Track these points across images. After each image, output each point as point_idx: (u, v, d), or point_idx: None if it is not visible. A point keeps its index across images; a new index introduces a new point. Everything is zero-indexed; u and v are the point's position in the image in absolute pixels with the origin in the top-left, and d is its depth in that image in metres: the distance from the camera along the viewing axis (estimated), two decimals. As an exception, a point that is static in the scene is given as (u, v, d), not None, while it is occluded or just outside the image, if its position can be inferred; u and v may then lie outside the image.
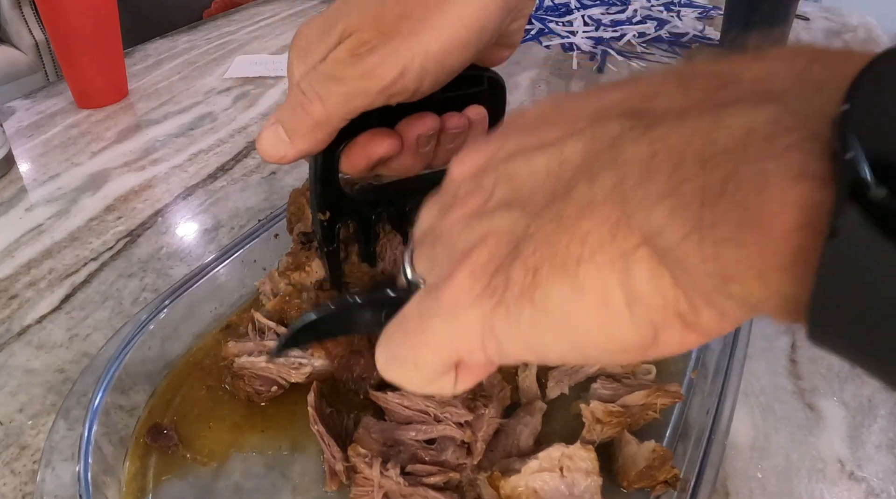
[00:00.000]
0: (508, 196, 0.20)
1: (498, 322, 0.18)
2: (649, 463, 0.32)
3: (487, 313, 0.18)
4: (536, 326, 0.18)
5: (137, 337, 0.38)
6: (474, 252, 0.19)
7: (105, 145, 0.69)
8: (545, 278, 0.17)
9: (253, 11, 1.14)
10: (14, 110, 0.78)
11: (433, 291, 0.20)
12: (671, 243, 0.15)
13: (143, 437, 0.36)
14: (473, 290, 0.19)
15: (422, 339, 0.20)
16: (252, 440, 0.37)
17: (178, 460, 0.36)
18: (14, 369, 0.42)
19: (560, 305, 0.17)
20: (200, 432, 0.37)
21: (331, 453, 0.34)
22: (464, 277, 0.19)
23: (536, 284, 0.17)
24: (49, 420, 0.39)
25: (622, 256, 0.16)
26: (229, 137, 0.71)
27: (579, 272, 0.17)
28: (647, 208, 0.16)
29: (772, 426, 0.38)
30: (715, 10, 1.04)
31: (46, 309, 0.47)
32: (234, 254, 0.43)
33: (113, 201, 0.59)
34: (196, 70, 0.89)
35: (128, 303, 0.47)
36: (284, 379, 0.37)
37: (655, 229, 0.15)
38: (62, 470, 0.32)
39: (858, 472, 0.35)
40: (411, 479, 0.32)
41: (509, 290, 0.18)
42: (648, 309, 0.16)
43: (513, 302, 0.18)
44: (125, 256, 0.52)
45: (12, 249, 0.53)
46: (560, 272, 0.17)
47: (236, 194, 0.60)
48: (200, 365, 0.40)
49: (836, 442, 0.37)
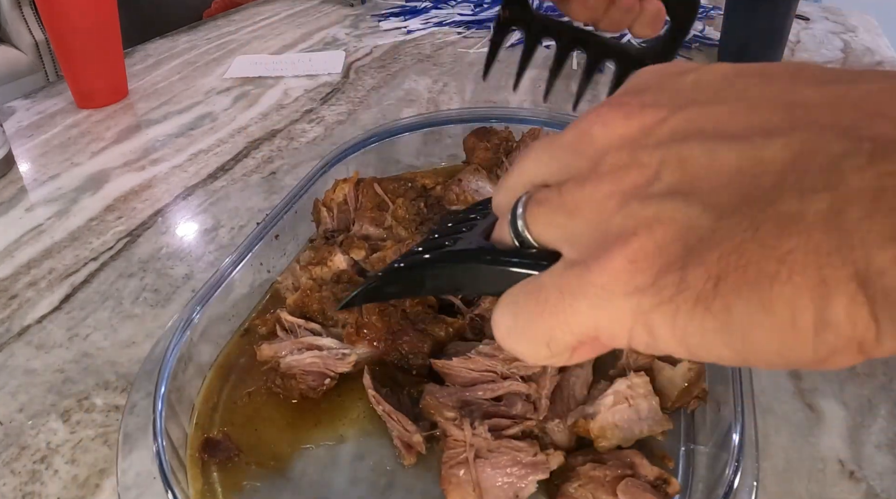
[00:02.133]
0: (682, 184, 0.18)
1: (659, 320, 0.18)
2: (689, 381, 0.35)
3: (646, 309, 0.18)
4: (705, 332, 0.17)
5: (174, 353, 0.36)
6: (636, 239, 0.18)
7: (105, 145, 0.69)
8: (730, 290, 0.16)
9: (253, 11, 1.14)
10: (14, 110, 0.78)
11: (579, 268, 0.19)
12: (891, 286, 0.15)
13: (199, 453, 0.35)
14: (633, 280, 0.18)
15: (562, 318, 0.19)
16: (309, 435, 0.36)
17: (241, 469, 0.34)
18: (14, 369, 0.42)
19: (741, 319, 0.16)
20: (253, 437, 0.36)
21: (403, 428, 0.34)
22: (622, 263, 0.18)
23: (718, 294, 0.16)
24: (49, 420, 0.39)
25: (823, 283, 0.15)
26: (229, 137, 0.71)
27: (773, 292, 0.16)
28: (869, 246, 0.15)
29: (772, 426, 0.38)
30: (715, 10, 1.04)
31: (46, 309, 0.47)
32: (246, 257, 0.42)
33: (113, 201, 0.59)
34: (196, 70, 0.89)
35: (128, 303, 0.47)
36: (333, 370, 0.37)
37: (876, 270, 0.15)
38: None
39: (858, 472, 0.35)
40: (495, 433, 0.33)
41: (683, 294, 0.17)
42: (836, 337, 0.16)
43: (684, 306, 0.17)
44: (125, 256, 0.52)
45: (12, 249, 0.53)
46: (751, 288, 0.16)
47: (236, 194, 0.60)
48: (232, 372, 0.40)
49: (836, 442, 0.37)
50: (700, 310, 0.17)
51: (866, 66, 0.85)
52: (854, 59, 0.87)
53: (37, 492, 0.35)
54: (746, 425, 0.31)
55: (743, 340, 0.17)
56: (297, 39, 1.00)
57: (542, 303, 0.20)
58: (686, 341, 0.17)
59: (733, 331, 0.17)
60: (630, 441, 0.33)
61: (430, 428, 0.34)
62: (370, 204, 0.46)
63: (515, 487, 0.32)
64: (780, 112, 0.18)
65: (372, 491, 0.33)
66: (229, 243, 0.53)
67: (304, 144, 0.68)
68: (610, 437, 0.33)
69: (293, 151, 0.67)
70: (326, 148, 0.67)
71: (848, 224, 0.15)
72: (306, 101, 0.78)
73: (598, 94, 0.73)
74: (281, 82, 0.84)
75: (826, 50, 0.91)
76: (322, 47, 0.96)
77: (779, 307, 0.16)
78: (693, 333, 0.17)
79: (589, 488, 0.31)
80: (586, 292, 0.19)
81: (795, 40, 0.93)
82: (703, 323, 0.17)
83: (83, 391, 0.40)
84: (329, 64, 0.89)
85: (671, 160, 0.19)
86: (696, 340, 0.17)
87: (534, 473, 0.32)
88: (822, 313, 0.15)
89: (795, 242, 0.16)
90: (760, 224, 0.16)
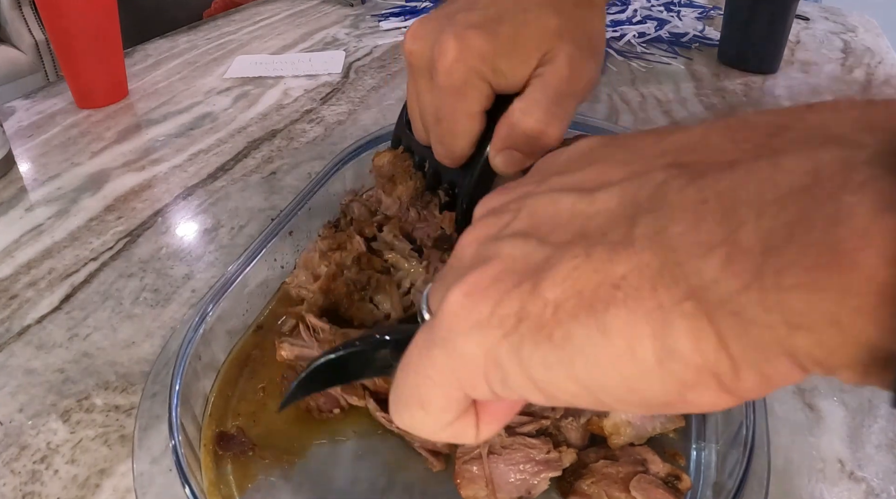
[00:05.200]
0: (525, 227, 0.19)
1: (506, 354, 0.17)
2: None
3: (492, 343, 0.17)
4: (549, 365, 0.17)
5: (190, 347, 0.36)
6: (471, 274, 0.18)
7: (105, 145, 0.69)
8: (569, 316, 0.16)
9: (253, 11, 1.14)
10: (14, 110, 0.78)
11: (432, 319, 0.19)
12: (726, 296, 0.14)
13: (213, 445, 0.35)
14: (471, 314, 0.18)
15: (423, 373, 0.19)
16: (324, 428, 0.36)
17: (255, 463, 0.34)
18: (14, 369, 0.42)
19: (581, 347, 0.16)
20: (267, 431, 0.36)
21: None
22: (458, 297, 0.18)
23: (558, 321, 0.16)
24: (49, 420, 0.39)
25: (660, 307, 0.15)
26: (229, 137, 0.71)
27: (608, 316, 0.15)
28: (696, 258, 0.15)
29: (772, 426, 0.38)
30: (715, 10, 1.04)
31: (46, 309, 0.47)
32: (260, 253, 0.42)
33: (113, 201, 0.59)
34: (196, 70, 0.89)
35: (128, 303, 0.47)
36: (346, 400, 0.37)
37: (707, 281, 0.14)
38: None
39: (858, 472, 0.35)
40: (509, 430, 0.33)
41: (524, 322, 0.17)
42: (683, 367, 0.15)
43: (527, 335, 0.17)
44: (125, 256, 0.52)
45: (12, 249, 0.53)
46: (587, 312, 0.16)
47: (236, 194, 0.60)
48: (246, 367, 0.40)
49: (836, 442, 0.37)
50: (543, 339, 0.16)
51: (866, 66, 0.85)
52: (854, 59, 0.87)
53: (37, 492, 0.35)
54: (757, 422, 0.31)
55: (586, 371, 0.16)
56: (297, 39, 1.00)
57: (406, 364, 0.20)
58: (533, 376, 0.17)
59: (575, 361, 0.16)
60: (643, 439, 0.33)
61: None
62: (388, 171, 0.46)
63: (528, 483, 0.32)
64: (623, 167, 0.18)
65: (372, 490, 0.33)
66: (229, 243, 0.53)
67: (304, 144, 0.68)
68: (623, 434, 0.33)
69: (293, 151, 0.67)
70: (326, 148, 0.67)
71: (672, 240, 0.15)
72: (306, 101, 0.78)
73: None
74: (281, 82, 0.84)
75: (826, 50, 0.91)
76: (322, 47, 0.96)
77: (615, 333, 0.15)
78: (537, 365, 0.17)
79: (602, 484, 0.31)
80: (436, 340, 0.18)
81: (795, 40, 0.93)
82: (547, 354, 0.16)
83: (83, 391, 0.40)
84: (329, 64, 0.89)
85: (523, 211, 0.20)
86: (542, 375, 0.17)
87: (546, 470, 0.32)
88: (662, 340, 0.15)
89: (627, 266, 0.16)
90: (592, 251, 0.16)
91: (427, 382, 0.19)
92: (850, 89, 0.79)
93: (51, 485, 0.35)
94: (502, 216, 0.20)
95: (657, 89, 0.79)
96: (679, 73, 0.84)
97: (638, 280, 0.15)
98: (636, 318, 0.15)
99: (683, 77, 0.82)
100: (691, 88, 0.79)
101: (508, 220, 0.20)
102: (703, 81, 0.81)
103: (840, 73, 0.83)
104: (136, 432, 0.33)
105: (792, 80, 0.81)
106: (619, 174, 0.18)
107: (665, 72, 0.84)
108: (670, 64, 0.86)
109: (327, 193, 0.50)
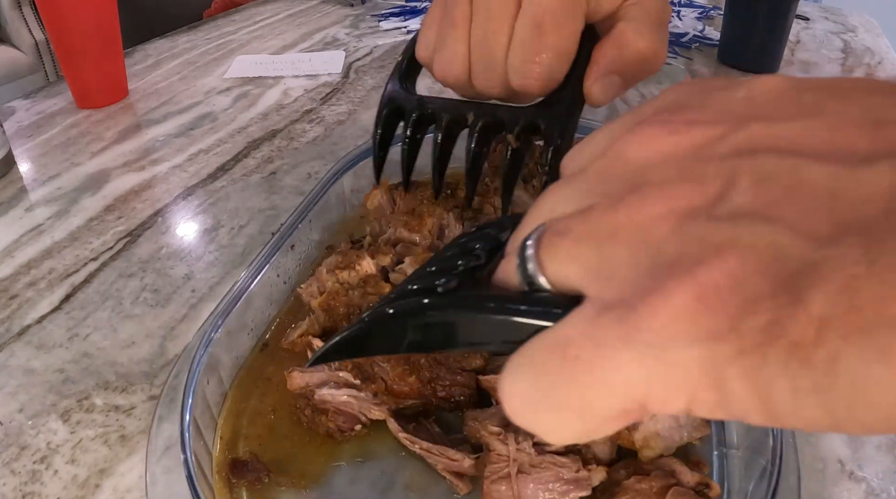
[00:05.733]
0: (762, 207, 0.15)
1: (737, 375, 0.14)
2: None
3: (721, 360, 0.14)
4: (797, 390, 0.13)
5: (198, 368, 0.35)
6: (703, 269, 0.14)
7: (105, 145, 0.69)
8: (839, 337, 0.13)
9: (253, 11, 1.14)
10: (14, 110, 0.78)
11: (620, 310, 0.15)
12: None
13: (226, 473, 0.34)
14: (702, 323, 0.14)
15: (600, 378, 0.15)
16: (340, 450, 0.35)
17: (272, 491, 0.33)
18: (14, 369, 0.42)
19: (849, 374, 0.13)
20: (282, 457, 0.35)
21: (449, 459, 0.33)
22: (685, 300, 0.14)
23: (822, 341, 0.13)
24: (49, 420, 0.39)
25: None
26: (229, 137, 0.71)
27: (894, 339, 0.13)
28: None
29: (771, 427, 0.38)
30: (715, 10, 1.04)
31: (46, 309, 0.47)
32: (264, 268, 0.41)
33: (113, 201, 0.59)
34: (196, 70, 0.89)
35: (128, 303, 0.47)
36: (366, 416, 0.36)
37: None
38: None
39: (858, 472, 0.35)
40: (538, 448, 0.33)
41: (777, 341, 0.13)
42: None
43: (776, 356, 0.13)
44: (125, 256, 0.52)
45: (12, 249, 0.53)
46: (867, 335, 0.13)
47: (236, 194, 0.60)
48: (255, 386, 0.39)
49: (836, 442, 0.37)
50: (798, 362, 0.13)
51: (866, 67, 0.85)
52: (854, 60, 0.87)
53: (37, 492, 0.35)
54: (785, 432, 0.31)
55: (848, 400, 0.13)
56: (297, 39, 1.00)
57: (571, 361, 0.15)
58: (770, 401, 0.14)
59: (838, 389, 0.13)
60: (671, 449, 0.33)
61: (471, 450, 0.34)
62: (406, 208, 0.44)
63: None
64: (870, 132, 0.15)
65: (372, 490, 0.33)
66: (229, 243, 0.53)
67: (304, 144, 0.68)
68: (654, 446, 0.33)
69: (293, 151, 0.67)
70: (326, 148, 0.67)
71: None
72: (306, 101, 0.78)
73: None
74: (281, 82, 0.84)
75: (826, 50, 0.91)
76: (322, 47, 0.96)
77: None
78: (781, 390, 0.14)
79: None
80: (632, 342, 0.15)
81: (795, 40, 0.93)
82: (798, 379, 0.13)
83: (83, 391, 0.40)
84: (329, 64, 0.89)
85: (741, 176, 0.15)
86: (785, 399, 0.14)
87: (576, 489, 0.31)
88: None
89: None
90: (877, 257, 0.13)
91: (602, 389, 0.15)
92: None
93: (51, 485, 0.35)
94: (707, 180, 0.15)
95: (657, 89, 0.79)
96: (679, 73, 0.84)
97: None
98: None
99: (683, 77, 0.82)
100: (691, 88, 0.79)
101: (722, 187, 0.15)
102: (703, 81, 0.81)
103: (840, 73, 0.83)
104: (147, 463, 0.32)
105: (792, 80, 0.81)
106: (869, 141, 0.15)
107: (665, 72, 0.84)
108: (670, 64, 0.86)
109: (328, 202, 0.49)
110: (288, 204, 0.58)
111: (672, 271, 0.14)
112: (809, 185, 0.14)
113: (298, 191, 0.60)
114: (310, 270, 0.44)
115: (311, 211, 0.47)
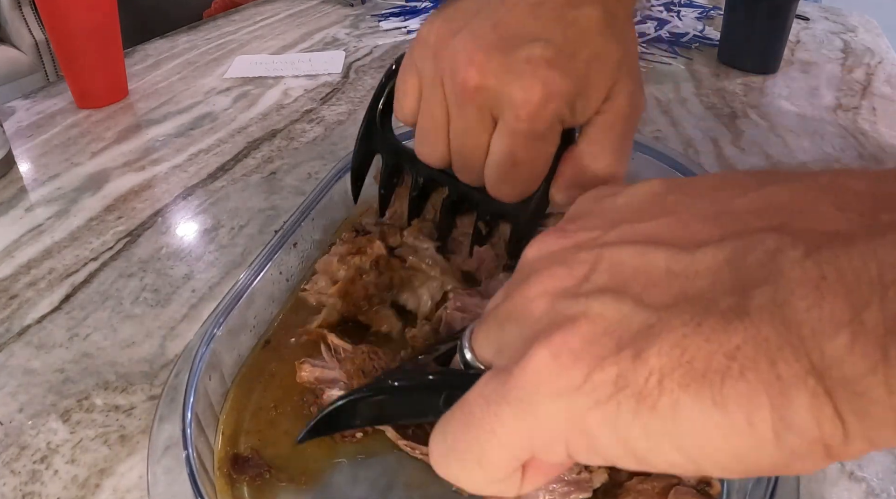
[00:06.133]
0: (612, 284, 0.18)
1: (598, 422, 0.16)
2: None
3: (581, 411, 0.16)
4: (651, 434, 0.16)
5: (199, 366, 0.35)
6: (559, 333, 0.17)
7: (105, 145, 0.69)
8: (677, 386, 0.15)
9: (253, 11, 1.14)
10: (14, 110, 0.78)
11: (503, 374, 0.18)
12: (851, 376, 0.14)
13: (227, 469, 0.34)
14: (560, 378, 0.17)
15: (488, 430, 0.18)
16: (343, 449, 0.35)
17: (272, 487, 0.33)
18: (14, 369, 0.42)
19: (690, 419, 0.15)
20: (283, 453, 0.35)
21: None
22: (544, 359, 0.17)
23: (664, 390, 0.15)
24: (49, 420, 0.39)
25: (779, 379, 0.15)
26: (229, 136, 0.71)
27: (725, 388, 0.15)
28: (822, 336, 0.14)
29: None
30: (715, 10, 1.04)
31: (46, 309, 0.47)
32: (266, 266, 0.41)
33: (113, 201, 0.60)
34: (196, 70, 0.89)
35: (128, 303, 0.47)
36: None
37: (832, 360, 0.14)
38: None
39: (858, 472, 0.35)
40: None
41: (623, 391, 0.16)
42: (799, 439, 0.15)
43: (626, 405, 0.16)
44: (125, 256, 0.52)
45: (12, 249, 0.53)
46: (699, 384, 0.15)
47: (236, 194, 0.60)
48: (257, 384, 0.39)
49: (835, 442, 0.37)
50: (646, 409, 0.16)
51: (866, 67, 0.85)
52: (854, 59, 0.87)
53: (37, 492, 0.35)
54: None
55: (695, 442, 0.16)
56: (297, 39, 1.00)
57: (468, 416, 0.19)
58: (631, 445, 0.16)
59: (684, 432, 0.15)
60: None
61: None
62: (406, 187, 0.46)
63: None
64: (710, 223, 0.18)
65: (372, 490, 0.33)
66: (229, 243, 0.53)
67: (304, 144, 0.68)
68: None
69: (293, 151, 0.67)
70: (326, 148, 0.67)
71: (795, 315, 0.15)
72: (306, 101, 0.78)
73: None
74: (281, 82, 0.84)
75: (826, 50, 0.91)
76: (322, 47, 0.96)
77: (732, 406, 0.15)
78: (638, 436, 0.16)
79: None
80: (510, 398, 0.17)
81: (795, 40, 0.93)
82: (650, 424, 0.16)
83: (83, 391, 0.40)
84: (329, 64, 0.89)
85: (603, 263, 0.18)
86: (643, 444, 0.16)
87: (577, 491, 0.31)
88: (781, 412, 0.15)
89: (742, 337, 0.15)
90: (702, 319, 0.16)
91: (492, 439, 0.18)
92: (850, 89, 0.79)
93: (51, 485, 0.35)
94: (575, 267, 0.19)
95: (657, 89, 0.79)
96: (679, 73, 0.84)
97: (754, 353, 0.15)
98: (755, 391, 0.15)
99: (683, 77, 0.82)
100: (691, 88, 0.79)
101: (585, 272, 0.19)
102: (702, 81, 0.81)
103: (840, 73, 0.83)
104: (148, 463, 0.32)
105: (792, 80, 0.81)
106: (715, 232, 0.17)
107: (665, 72, 0.84)
108: (670, 64, 0.86)
109: (331, 201, 0.49)
110: (288, 204, 0.58)
111: (538, 338, 0.17)
112: (654, 266, 0.18)
113: (298, 191, 0.60)
114: (311, 270, 0.44)
115: (313, 209, 0.47)
